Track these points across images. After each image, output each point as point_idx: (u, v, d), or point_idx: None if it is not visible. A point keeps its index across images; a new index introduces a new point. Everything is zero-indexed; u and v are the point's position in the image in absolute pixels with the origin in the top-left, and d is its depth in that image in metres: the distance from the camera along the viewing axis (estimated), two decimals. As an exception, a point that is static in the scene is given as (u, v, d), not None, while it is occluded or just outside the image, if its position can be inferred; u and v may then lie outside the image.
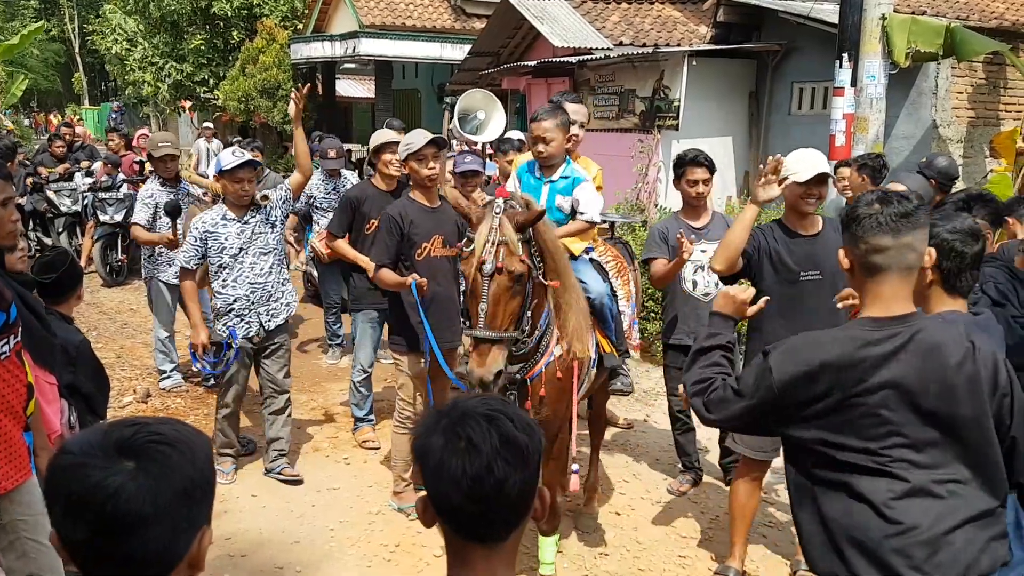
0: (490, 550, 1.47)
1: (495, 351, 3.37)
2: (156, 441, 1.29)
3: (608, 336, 4.21)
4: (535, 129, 4.24)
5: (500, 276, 3.35)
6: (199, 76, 24.24)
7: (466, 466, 1.40)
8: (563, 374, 3.79)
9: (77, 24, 40.91)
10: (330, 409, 6.70)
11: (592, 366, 4.07)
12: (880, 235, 2.27)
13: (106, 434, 1.30)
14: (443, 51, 18.71)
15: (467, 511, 1.43)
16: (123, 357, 7.91)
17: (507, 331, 3.43)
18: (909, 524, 2.20)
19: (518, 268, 3.38)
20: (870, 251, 2.29)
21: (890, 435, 2.23)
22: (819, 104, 11.24)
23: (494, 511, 1.43)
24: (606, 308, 4.13)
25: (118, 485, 1.23)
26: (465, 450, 1.41)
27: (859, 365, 2.23)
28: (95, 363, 4.37)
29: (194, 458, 1.32)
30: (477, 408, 1.46)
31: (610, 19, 13.52)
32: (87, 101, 43.36)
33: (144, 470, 1.26)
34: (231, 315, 5.14)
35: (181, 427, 1.36)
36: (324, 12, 20.96)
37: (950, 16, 10.73)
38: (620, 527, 4.89)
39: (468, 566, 1.48)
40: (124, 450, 1.27)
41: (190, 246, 5.13)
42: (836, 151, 8.81)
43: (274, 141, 23.25)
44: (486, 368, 3.34)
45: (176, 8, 23.14)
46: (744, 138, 12.17)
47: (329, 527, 4.81)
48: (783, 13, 11.29)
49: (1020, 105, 10.21)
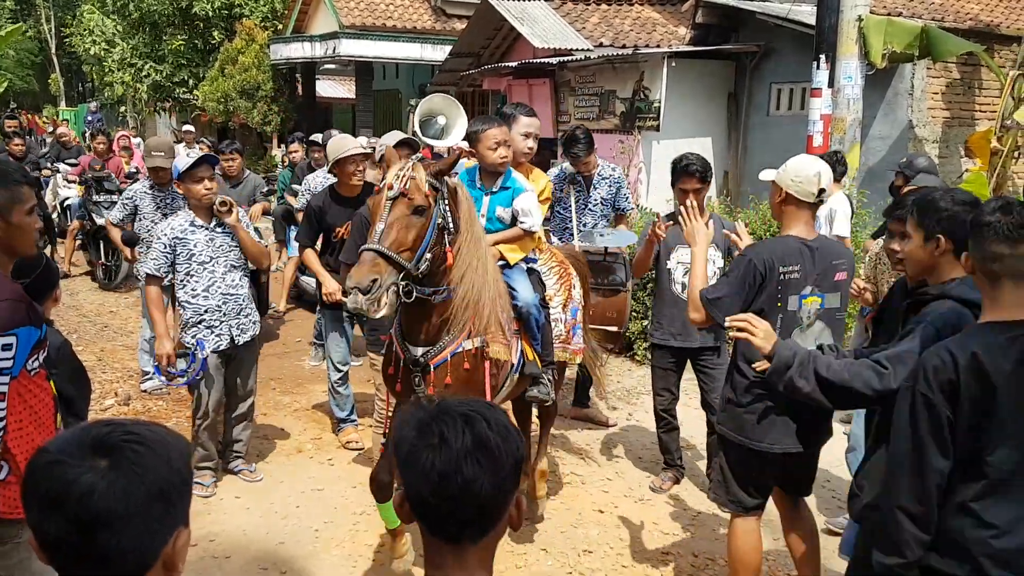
0: (463, 551, 1.48)
1: (379, 263, 3.39)
2: (130, 440, 1.29)
3: (533, 346, 4.25)
4: (498, 135, 4.20)
5: (402, 200, 3.47)
6: (178, 77, 24.14)
7: (435, 461, 1.42)
8: (470, 366, 3.85)
9: (54, 24, 40.53)
10: (313, 410, 6.71)
11: (515, 371, 4.13)
12: (999, 244, 2.36)
13: (83, 432, 1.30)
14: (424, 52, 18.73)
15: (436, 508, 1.45)
16: (104, 360, 7.88)
17: (399, 254, 3.45)
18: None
19: (419, 199, 3.49)
20: (991, 258, 2.38)
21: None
22: (797, 105, 11.35)
23: (462, 510, 1.44)
24: (532, 318, 4.17)
25: (90, 483, 1.24)
26: (437, 446, 1.43)
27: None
28: (76, 365, 4.35)
29: (169, 459, 1.32)
30: (456, 407, 1.48)
31: (590, 20, 13.59)
32: (64, 102, 42.96)
33: (117, 468, 1.26)
34: (201, 326, 4.99)
35: (158, 428, 1.36)
36: (304, 13, 20.92)
37: (925, 17, 10.87)
38: (604, 525, 4.93)
39: (441, 567, 1.50)
40: (98, 448, 1.27)
41: (159, 252, 4.93)
42: (814, 151, 8.91)
43: (254, 142, 23.18)
44: (361, 275, 3.35)
45: (156, 8, 23.01)
46: (724, 139, 12.28)
47: (314, 528, 4.82)
48: (761, 15, 11.40)
49: (994, 105, 10.35)
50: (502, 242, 4.22)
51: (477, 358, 3.86)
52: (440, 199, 3.62)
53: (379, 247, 3.42)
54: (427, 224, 3.54)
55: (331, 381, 6.03)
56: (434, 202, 3.57)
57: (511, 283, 4.15)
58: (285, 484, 5.38)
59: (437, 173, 3.60)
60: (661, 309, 5.25)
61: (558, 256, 4.89)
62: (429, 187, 3.55)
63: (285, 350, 8.30)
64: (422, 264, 3.56)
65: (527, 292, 4.18)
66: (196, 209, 5.02)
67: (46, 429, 2.82)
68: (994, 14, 11.87)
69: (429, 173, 3.58)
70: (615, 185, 6.23)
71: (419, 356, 3.81)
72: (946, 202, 2.82)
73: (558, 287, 4.68)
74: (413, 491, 1.46)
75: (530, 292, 4.20)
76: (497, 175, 4.26)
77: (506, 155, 4.18)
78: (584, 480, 5.54)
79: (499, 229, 4.26)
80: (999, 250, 2.35)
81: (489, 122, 4.23)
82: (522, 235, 4.26)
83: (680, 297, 5.03)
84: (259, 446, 5.97)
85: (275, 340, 8.68)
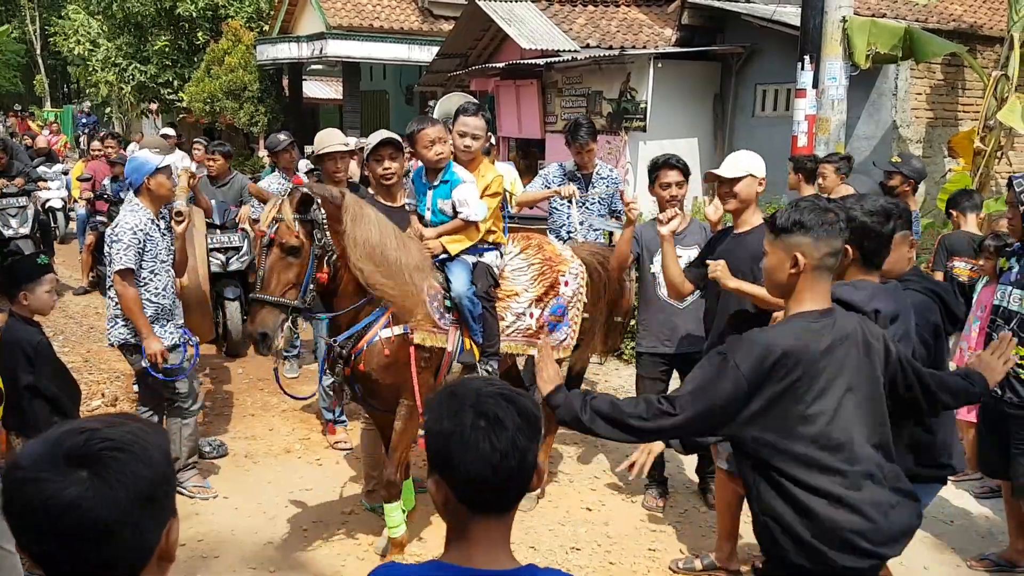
0: (498, 520, 1.58)
1: (265, 313, 3.81)
2: (108, 448, 1.25)
3: (471, 336, 4.44)
4: (432, 134, 4.40)
5: (274, 248, 3.82)
6: (163, 78, 24.05)
7: (494, 442, 1.51)
8: (391, 352, 4.18)
9: (38, 25, 40.28)
10: (301, 412, 6.71)
11: (456, 359, 4.40)
12: (837, 240, 2.51)
13: (55, 444, 1.25)
14: (411, 52, 18.70)
15: (494, 486, 1.53)
16: (91, 361, 7.86)
17: (283, 297, 3.84)
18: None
19: (291, 239, 3.81)
20: (829, 253, 2.49)
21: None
22: (782, 105, 11.42)
23: (514, 482, 1.54)
24: (464, 309, 4.36)
25: (74, 496, 1.20)
26: (489, 428, 1.51)
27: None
28: (57, 365, 4.35)
29: (149, 459, 1.28)
30: (489, 389, 1.57)
31: (576, 21, 13.63)
32: (49, 103, 42.70)
33: (98, 477, 1.22)
34: (156, 325, 4.94)
35: (134, 427, 1.31)
36: (290, 13, 20.87)
37: (909, 18, 10.95)
38: (591, 522, 4.96)
39: (469, 539, 1.57)
40: (75, 460, 1.23)
41: (130, 246, 4.79)
42: (799, 152, 8.97)
43: (240, 143, 23.10)
44: (254, 326, 3.82)
45: (140, 9, 22.91)
46: (709, 139, 12.34)
47: (303, 527, 4.83)
48: (746, 16, 11.46)
49: (977, 106, 10.44)
50: (444, 234, 4.44)
51: (398, 345, 4.18)
52: (317, 228, 3.89)
53: (262, 296, 3.82)
54: (305, 260, 3.87)
55: (323, 384, 6.01)
56: (307, 237, 3.86)
57: (449, 274, 4.40)
58: (274, 484, 5.38)
59: (298, 207, 3.84)
60: (646, 315, 5.05)
61: (545, 253, 4.92)
62: (298, 223, 3.82)
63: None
64: (308, 295, 3.93)
65: (460, 284, 4.38)
66: (156, 204, 4.99)
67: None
68: (977, 15, 11.97)
69: (293, 209, 3.82)
70: (613, 185, 6.25)
71: (336, 347, 4.20)
72: (855, 211, 2.89)
73: (531, 282, 4.78)
74: (468, 477, 1.52)
75: (464, 284, 4.38)
76: (438, 170, 4.48)
77: (441, 151, 4.42)
78: (572, 478, 5.57)
79: (443, 221, 4.49)
80: (837, 245, 2.53)
81: (424, 122, 4.48)
82: (463, 225, 4.46)
83: (666, 302, 4.87)
84: (247, 446, 5.97)
85: (263, 341, 8.68)
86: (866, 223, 2.84)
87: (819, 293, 2.55)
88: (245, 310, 8.13)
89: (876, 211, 2.87)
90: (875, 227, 2.84)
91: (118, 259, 4.76)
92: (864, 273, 2.88)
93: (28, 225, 9.68)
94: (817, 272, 2.52)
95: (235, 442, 6.03)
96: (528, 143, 14.49)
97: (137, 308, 4.80)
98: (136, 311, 4.80)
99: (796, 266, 2.52)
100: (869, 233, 2.83)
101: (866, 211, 2.87)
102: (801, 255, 2.51)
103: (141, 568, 1.30)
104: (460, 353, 4.40)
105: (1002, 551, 4.57)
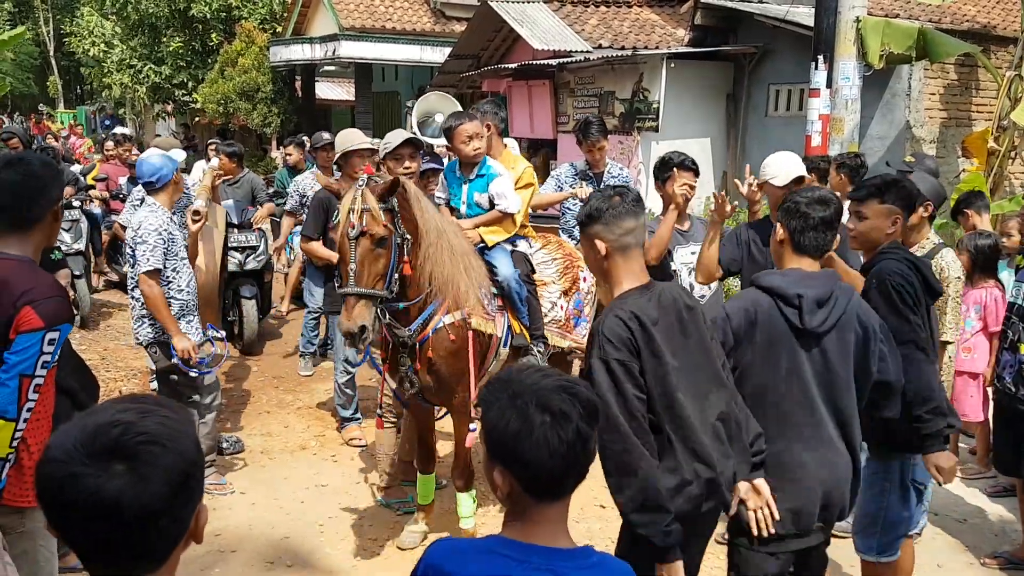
0: (559, 504, 1.66)
1: (360, 306, 3.73)
2: (144, 442, 1.27)
3: (519, 319, 4.50)
4: (470, 129, 4.46)
5: (364, 237, 3.73)
6: (177, 79, 24.18)
7: (561, 435, 1.57)
8: (455, 338, 4.19)
9: (52, 27, 40.56)
10: (316, 408, 6.76)
11: (503, 345, 4.45)
12: (629, 219, 2.68)
13: (92, 436, 1.27)
14: (423, 54, 18.77)
15: (558, 475, 1.60)
16: (108, 359, 7.93)
17: (374, 288, 3.77)
18: None
19: (379, 230, 3.75)
20: (624, 233, 2.68)
21: None
22: (795, 106, 11.41)
23: (578, 468, 1.62)
24: (512, 291, 4.43)
25: (114, 491, 1.24)
26: (555, 423, 1.58)
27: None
28: (76, 360, 4.40)
29: (182, 449, 1.32)
30: (547, 382, 1.63)
31: (589, 22, 13.65)
32: (62, 104, 42.99)
33: (136, 472, 1.25)
34: (182, 321, 4.97)
35: (164, 417, 1.34)
36: (303, 14, 20.95)
37: (922, 19, 10.94)
38: (606, 519, 4.98)
39: (532, 520, 1.65)
40: (112, 454, 1.26)
41: (156, 246, 4.81)
42: (812, 151, 8.97)
43: (253, 144, 23.22)
44: (352, 321, 3.70)
45: (154, 11, 23.05)
46: (722, 139, 12.34)
47: (318, 523, 4.87)
48: (759, 16, 11.46)
49: (991, 106, 10.42)
50: (481, 225, 4.50)
51: (461, 330, 4.18)
52: (395, 217, 3.86)
53: (357, 289, 3.72)
54: (390, 250, 3.82)
55: (339, 382, 6.06)
56: (392, 226, 3.83)
57: (491, 261, 4.45)
58: (290, 480, 5.43)
59: (382, 195, 3.80)
60: None
61: (565, 249, 5.07)
62: (383, 212, 3.78)
63: (288, 349, 8.35)
64: (394, 285, 3.89)
65: (506, 267, 4.44)
66: (172, 202, 5.09)
67: (49, 421, 2.88)
68: (991, 15, 11.94)
69: (377, 198, 3.78)
70: (614, 179, 6.28)
71: (406, 337, 4.12)
72: (797, 196, 3.03)
73: (558, 276, 4.90)
74: (537, 471, 1.59)
75: (509, 267, 4.45)
76: (473, 164, 4.52)
77: (479, 147, 4.47)
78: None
79: (478, 214, 4.54)
80: (629, 224, 2.68)
81: (462, 118, 4.52)
82: (500, 217, 4.53)
83: None
84: (263, 443, 6.02)
85: (278, 340, 8.75)
86: (797, 205, 2.96)
87: (631, 271, 2.71)
88: (261, 309, 8.21)
89: (813, 198, 2.98)
90: (804, 209, 2.94)
91: (144, 260, 4.79)
92: (796, 257, 2.98)
93: (82, 240, 8.95)
94: (621, 253, 2.69)
95: (251, 439, 6.08)
96: (540, 143, 14.52)
97: (164, 306, 4.84)
98: (164, 309, 4.84)
99: (599, 253, 2.70)
100: (795, 214, 2.94)
101: (803, 196, 3.01)
102: (600, 242, 2.68)
103: (175, 548, 1.35)
104: (510, 337, 4.46)
105: (1015, 549, 4.57)
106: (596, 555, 1.64)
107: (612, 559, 1.65)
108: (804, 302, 2.84)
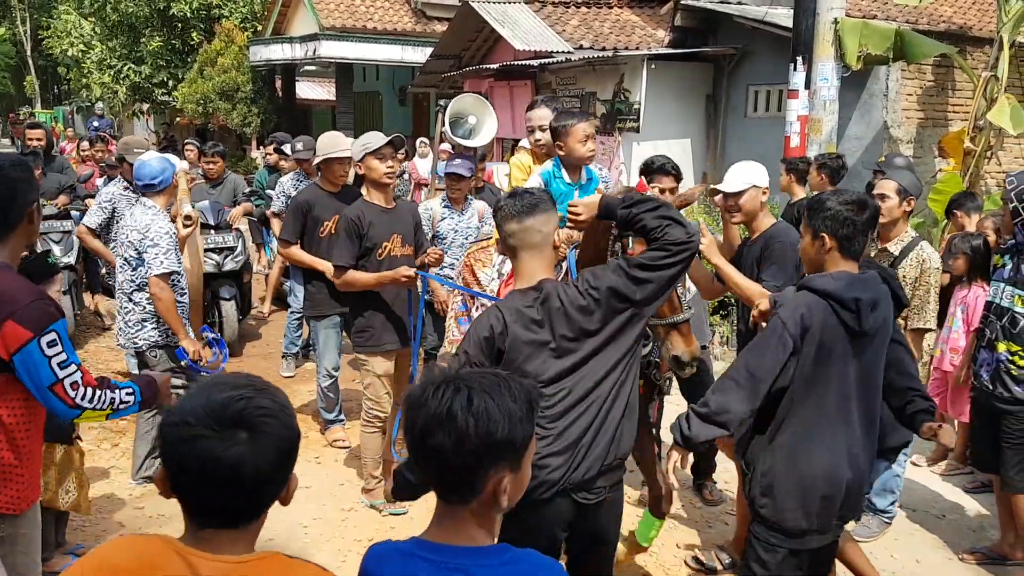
0: (466, 504, 1.67)
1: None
2: (263, 414, 1.49)
3: None
4: (587, 128, 4.13)
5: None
6: (157, 78, 24.01)
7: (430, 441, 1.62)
8: None
9: (29, 27, 40.14)
10: (299, 410, 6.74)
11: None
12: (512, 222, 2.77)
13: (222, 406, 1.47)
14: (404, 54, 18.75)
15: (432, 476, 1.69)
16: (88, 361, 7.86)
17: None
18: None
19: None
20: (508, 236, 2.79)
21: None
22: (774, 106, 11.51)
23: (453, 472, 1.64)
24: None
25: (238, 455, 1.44)
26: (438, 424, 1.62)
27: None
28: None
29: (290, 424, 1.54)
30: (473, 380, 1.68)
31: (570, 23, 13.69)
32: (39, 104, 42.55)
33: (256, 441, 1.46)
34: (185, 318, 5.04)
35: (273, 394, 1.55)
36: (283, 14, 20.86)
37: (899, 20, 11.04)
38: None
39: (444, 521, 1.71)
40: (237, 422, 1.46)
41: (170, 250, 4.83)
42: (791, 152, 9.05)
43: (233, 144, 23.11)
44: (695, 344, 3.29)
45: (134, 10, 22.89)
46: (702, 140, 12.42)
47: (303, 524, 4.87)
48: (738, 18, 11.54)
49: (967, 106, 10.53)
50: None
51: None
52: None
53: (689, 315, 3.26)
54: None
55: (321, 386, 6.02)
56: None
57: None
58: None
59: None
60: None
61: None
62: None
63: (269, 351, 8.32)
64: None
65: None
66: (166, 204, 5.06)
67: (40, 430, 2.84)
68: (967, 16, 12.08)
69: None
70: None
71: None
72: (832, 202, 3.01)
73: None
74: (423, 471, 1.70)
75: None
76: (579, 167, 4.20)
77: (594, 148, 4.14)
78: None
79: None
80: (511, 228, 2.77)
81: (576, 116, 4.13)
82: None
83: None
84: (246, 445, 6.00)
85: (258, 341, 8.71)
86: (840, 212, 2.96)
87: (526, 272, 2.79)
88: (240, 310, 8.17)
89: (851, 202, 2.99)
90: (850, 216, 2.95)
91: (157, 263, 4.76)
92: (843, 262, 2.99)
93: (73, 254, 8.08)
94: (511, 252, 2.82)
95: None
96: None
97: (175, 309, 4.84)
98: (175, 312, 4.84)
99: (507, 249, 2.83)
100: (844, 222, 2.95)
101: (842, 202, 3.00)
102: (508, 238, 2.80)
103: (267, 509, 1.57)
104: None
105: (993, 544, 4.64)
106: (511, 552, 1.66)
107: (529, 555, 1.67)
108: (862, 305, 2.88)
